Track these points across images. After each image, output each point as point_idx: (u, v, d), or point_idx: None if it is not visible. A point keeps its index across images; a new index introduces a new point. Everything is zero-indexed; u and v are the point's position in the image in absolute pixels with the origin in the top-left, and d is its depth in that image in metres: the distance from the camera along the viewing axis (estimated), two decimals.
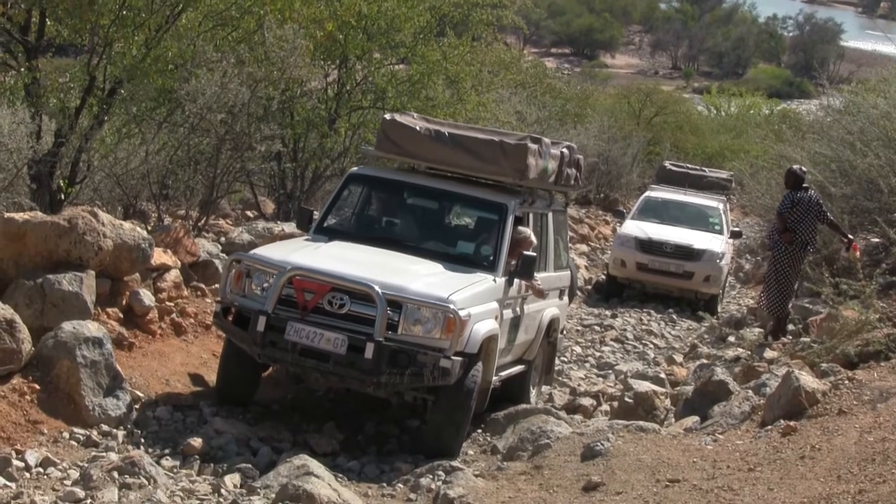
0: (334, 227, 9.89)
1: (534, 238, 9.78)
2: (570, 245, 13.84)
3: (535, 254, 9.40)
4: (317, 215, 9.87)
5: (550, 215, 10.74)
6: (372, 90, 16.79)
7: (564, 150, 10.56)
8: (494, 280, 9.04)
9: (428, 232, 10.04)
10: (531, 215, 10.08)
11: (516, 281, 9.35)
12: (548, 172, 10.15)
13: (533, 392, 10.54)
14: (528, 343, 10.16)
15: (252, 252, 9.17)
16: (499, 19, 19.74)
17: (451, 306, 8.09)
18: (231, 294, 8.59)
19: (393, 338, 8.07)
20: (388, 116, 10.25)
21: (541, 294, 10.16)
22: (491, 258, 9.33)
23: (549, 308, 10.60)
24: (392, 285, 8.17)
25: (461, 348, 8.15)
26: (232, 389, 8.98)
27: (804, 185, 12.26)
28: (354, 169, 10.62)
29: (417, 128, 9.90)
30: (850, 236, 12.35)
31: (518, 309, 9.63)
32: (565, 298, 11.50)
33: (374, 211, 10.43)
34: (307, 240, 9.54)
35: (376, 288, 8.02)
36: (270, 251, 8.97)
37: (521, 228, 9.68)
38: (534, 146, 9.68)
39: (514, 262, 9.22)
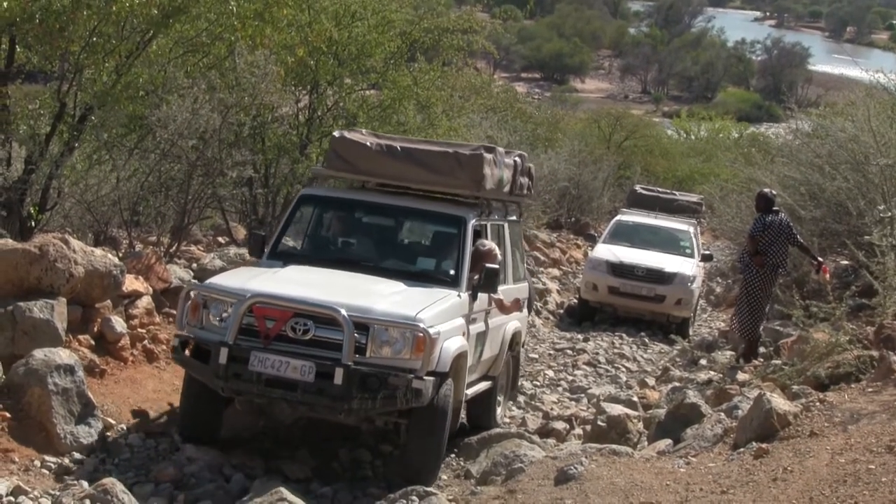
0: (288, 251, 9.72)
1: (498, 251, 9.65)
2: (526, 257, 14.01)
3: (497, 266, 9.22)
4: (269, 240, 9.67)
5: (506, 226, 10.55)
6: (343, 115, 16.79)
7: (517, 159, 10.46)
8: (459, 296, 8.86)
9: (386, 250, 9.87)
10: (489, 227, 9.92)
11: (480, 295, 9.18)
12: (503, 182, 10.04)
13: (499, 409, 10.41)
14: (494, 358, 10.00)
15: (208, 282, 8.76)
16: (469, 44, 19.82)
17: (420, 325, 7.87)
18: (189, 326, 8.25)
19: (362, 361, 7.80)
20: (336, 134, 10.08)
21: (504, 308, 10.06)
22: (453, 273, 9.16)
23: (512, 321, 10.45)
24: (357, 307, 7.90)
25: (433, 367, 7.93)
26: (197, 426, 8.63)
27: (775, 208, 12.36)
28: (305, 190, 10.44)
29: (368, 143, 9.73)
30: (820, 259, 12.45)
31: (483, 324, 9.44)
32: (525, 311, 11.35)
33: (329, 232, 10.18)
34: (261, 266, 9.30)
35: (342, 311, 7.75)
36: (227, 279, 8.63)
37: (483, 241, 9.56)
38: (489, 156, 9.56)
39: (476, 276, 9.06)
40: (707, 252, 20.87)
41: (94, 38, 11.63)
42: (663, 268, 18.31)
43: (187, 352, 8.20)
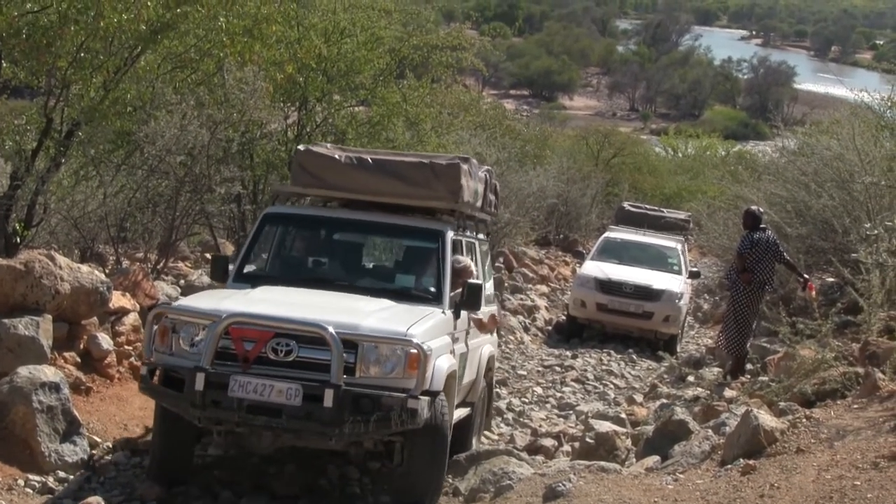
0: (255, 273, 9.09)
1: (474, 267, 9.33)
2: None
3: (480, 282, 8.82)
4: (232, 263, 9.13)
5: (477, 245, 10.06)
6: (332, 132, 16.80)
7: (486, 174, 10.13)
8: (444, 313, 8.44)
9: (360, 268, 9.54)
10: (463, 243, 9.49)
11: (462, 314, 8.77)
12: (477, 195, 9.71)
13: (474, 440, 9.74)
14: (472, 383, 9.46)
15: (176, 303, 8.20)
16: (458, 61, 19.88)
17: (414, 340, 7.34)
18: (157, 353, 7.55)
19: (351, 382, 7.22)
20: (302, 147, 9.62)
21: (483, 327, 9.71)
22: (434, 290, 8.75)
23: (486, 345, 10.01)
24: (344, 324, 7.31)
25: (427, 386, 7.43)
26: (172, 466, 7.97)
27: (762, 225, 12.39)
28: (269, 209, 9.71)
29: (337, 156, 9.25)
30: (806, 276, 12.48)
31: (464, 344, 8.93)
32: (495, 335, 10.97)
33: (298, 251, 9.70)
34: (229, 288, 8.68)
35: (329, 328, 7.15)
36: (196, 301, 7.98)
37: (458, 257, 9.16)
38: (465, 166, 9.21)
39: (458, 293, 8.65)
40: (695, 269, 20.93)
41: (82, 54, 11.61)
42: (651, 285, 18.34)
43: (156, 381, 7.52)
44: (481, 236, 10.50)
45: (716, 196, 27.19)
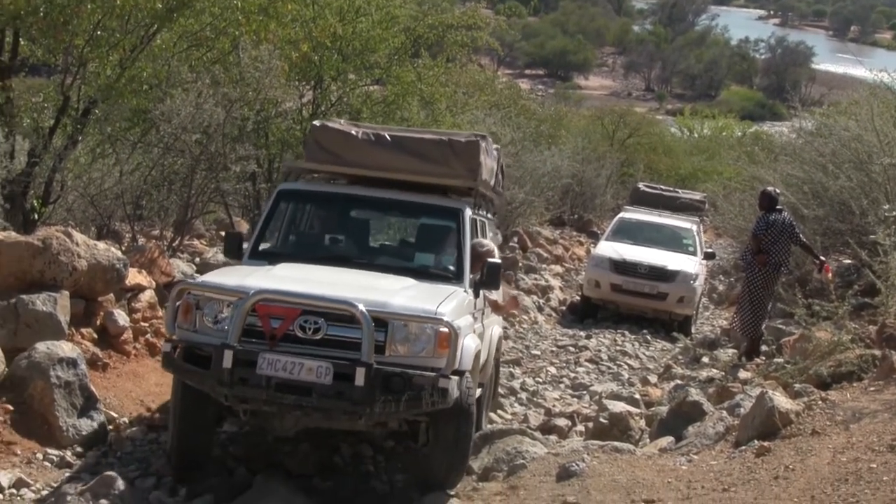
0: (271, 250, 8.89)
1: (496, 249, 9.26)
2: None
3: (500, 261, 8.76)
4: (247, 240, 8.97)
5: (487, 223, 9.97)
6: (347, 111, 16.80)
7: (497, 153, 10.00)
8: (465, 291, 8.31)
9: (378, 246, 9.41)
10: (477, 222, 9.36)
11: (481, 293, 8.71)
12: (493, 173, 9.64)
13: (484, 420, 9.58)
14: (485, 363, 9.16)
15: (200, 279, 7.93)
16: (473, 41, 19.83)
17: (445, 319, 7.16)
18: (180, 330, 7.36)
19: (381, 361, 7.04)
20: (317, 123, 9.42)
21: (500, 308, 9.71)
22: (454, 269, 8.63)
23: (495, 326, 9.94)
24: (374, 302, 7.13)
25: (457, 365, 7.25)
26: (192, 449, 7.75)
27: (778, 206, 12.35)
28: (283, 185, 9.50)
29: (354, 132, 9.08)
30: (823, 258, 12.45)
31: (481, 324, 8.83)
32: (501, 317, 10.90)
33: (314, 229, 9.51)
34: (248, 266, 8.45)
35: (360, 306, 6.96)
36: (220, 278, 7.75)
37: (481, 241, 9.10)
38: (483, 144, 9.10)
39: (478, 274, 8.54)
40: (710, 250, 20.87)
41: (99, 32, 11.65)
42: (666, 265, 18.29)
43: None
44: (489, 216, 10.42)
45: (731, 177, 27.11)
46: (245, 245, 8.84)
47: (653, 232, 20.17)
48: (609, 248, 19.15)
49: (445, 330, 7.13)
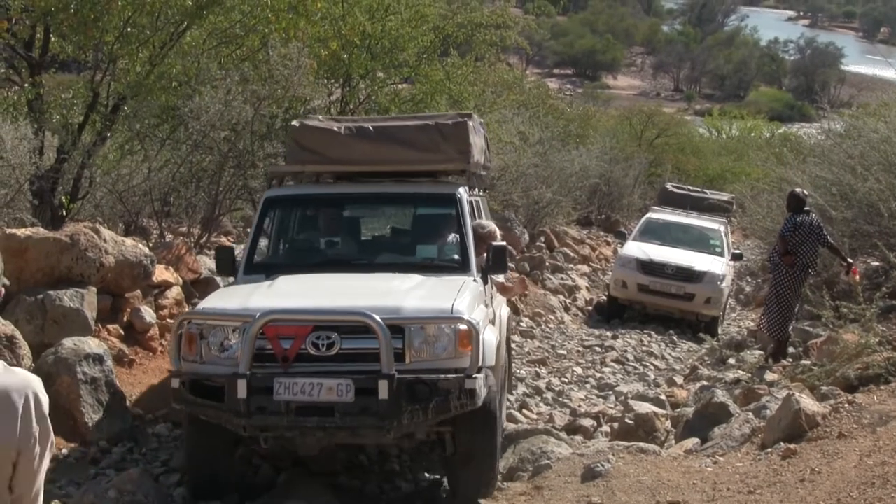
0: (266, 262, 8.55)
1: (497, 230, 8.91)
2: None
3: (504, 244, 8.41)
4: (239, 253, 8.64)
5: (482, 202, 9.56)
6: (375, 109, 16.82)
7: (482, 126, 9.66)
8: (474, 280, 7.93)
9: (376, 245, 9.10)
10: (474, 204, 8.98)
11: (489, 278, 8.39)
12: (482, 151, 9.32)
13: (503, 407, 9.12)
14: (498, 347, 8.48)
15: (200, 307, 7.45)
16: (502, 40, 19.81)
17: (463, 316, 6.83)
18: (185, 363, 6.94)
19: (403, 369, 6.68)
20: (296, 123, 9.09)
21: (507, 290, 9.46)
22: (459, 257, 8.28)
23: (502, 305, 9.57)
24: (386, 308, 6.77)
25: (480, 363, 6.90)
26: (211, 482, 7.36)
27: (805, 208, 12.28)
28: (269, 192, 9.04)
29: (335, 128, 8.73)
30: (850, 260, 12.35)
31: (491, 310, 8.40)
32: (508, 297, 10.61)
33: (307, 234, 9.13)
34: (242, 283, 8.08)
35: (374, 315, 6.59)
36: (221, 302, 7.37)
37: (482, 222, 8.78)
38: (471, 123, 8.76)
39: (484, 258, 8.23)
40: (737, 251, 20.77)
41: (129, 29, 11.71)
42: (693, 266, 18.22)
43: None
44: (482, 193, 10.11)
45: (760, 178, 26.96)
46: (237, 258, 8.47)
47: (680, 232, 20.09)
48: (636, 249, 19.08)
49: (465, 328, 6.81)
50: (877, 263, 15.45)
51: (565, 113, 35.04)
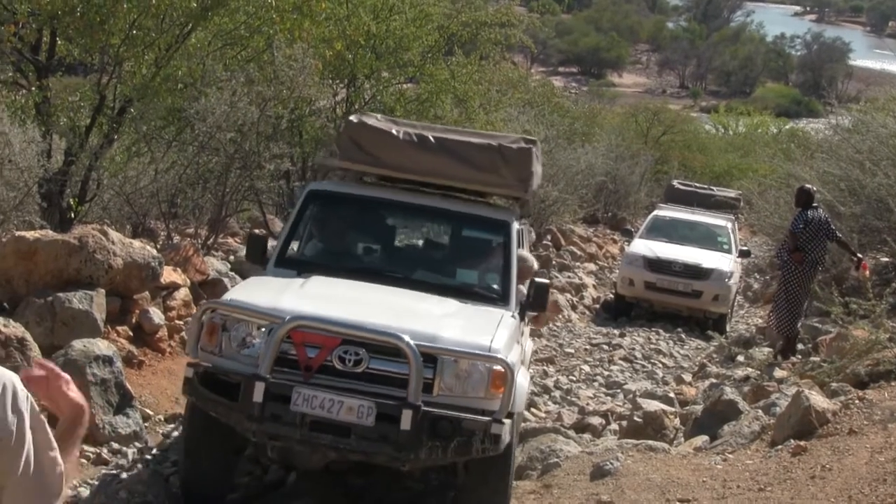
0: (298, 258, 8.05)
1: (536, 263, 8.72)
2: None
3: (548, 281, 8.00)
4: (272, 243, 8.28)
5: (524, 231, 9.10)
6: (380, 109, 16.83)
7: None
8: (512, 316, 7.46)
9: (414, 259, 8.64)
10: (522, 233, 8.63)
11: (525, 315, 7.97)
12: (539, 179, 8.82)
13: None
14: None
15: (228, 298, 6.98)
16: (507, 38, 19.83)
17: (500, 356, 6.37)
18: (203, 353, 6.59)
19: (429, 401, 6.27)
20: (354, 119, 8.57)
21: (541, 322, 9.12)
22: (500, 289, 7.83)
23: (529, 340, 9.32)
24: (422, 334, 6.35)
25: (511, 408, 6.48)
26: (204, 485, 7.00)
27: (814, 203, 12.26)
28: (313, 185, 8.67)
29: (394, 132, 8.26)
30: (860, 255, 12.34)
31: (522, 347, 8.00)
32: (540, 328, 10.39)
33: (345, 235, 8.66)
34: (272, 276, 7.68)
35: (407, 339, 6.19)
36: (250, 295, 6.93)
37: (523, 254, 8.37)
38: (534, 150, 8.37)
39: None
40: (745, 248, 20.72)
41: (134, 31, 11.73)
42: (700, 263, 18.19)
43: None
44: (525, 222, 9.64)
45: (767, 174, 26.94)
46: (270, 248, 8.13)
47: (687, 230, 20.07)
48: (643, 246, 19.06)
49: (501, 369, 6.35)
50: (886, 259, 15.43)
51: (571, 111, 35.02)
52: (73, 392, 2.93)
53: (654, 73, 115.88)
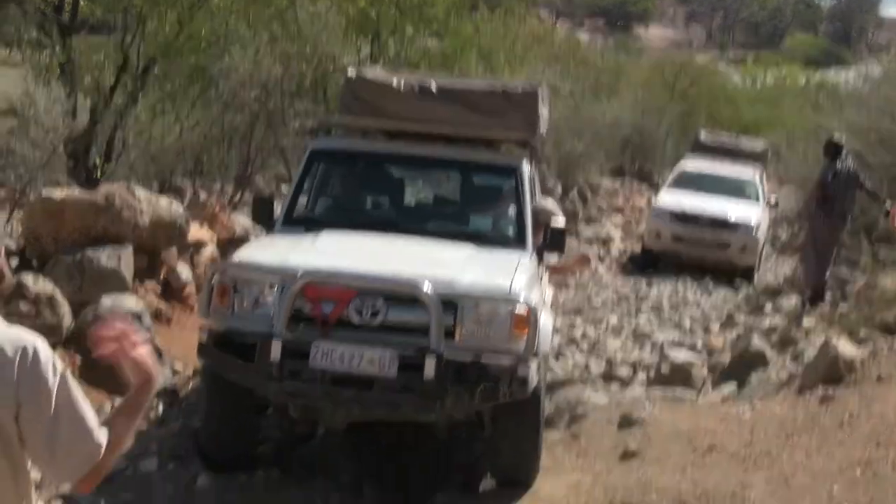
0: (306, 216, 7.87)
1: (557, 212, 8.55)
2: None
3: (563, 225, 7.87)
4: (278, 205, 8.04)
5: (536, 176, 8.84)
6: (405, 65, 16.78)
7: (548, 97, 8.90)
8: (530, 259, 7.35)
9: (425, 210, 8.56)
10: (535, 179, 8.51)
11: (543, 257, 7.79)
12: (546, 123, 8.67)
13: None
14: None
15: (237, 258, 6.78)
16: None
17: (521, 297, 6.24)
18: (215, 315, 6.37)
19: (452, 347, 6.12)
20: (351, 72, 8.36)
21: (563, 271, 9.14)
22: (516, 233, 7.71)
23: (549, 287, 9.08)
24: (440, 280, 6.19)
25: (536, 349, 6.31)
26: (227, 450, 6.84)
27: (843, 154, 12.14)
28: (316, 143, 8.49)
29: (395, 83, 8.05)
30: (889, 205, 12.24)
31: (544, 291, 7.79)
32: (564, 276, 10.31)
33: (352, 191, 8.49)
34: (281, 235, 7.50)
35: (426, 288, 6.07)
36: (260, 254, 6.86)
37: (541, 203, 8.30)
38: (541, 92, 8.21)
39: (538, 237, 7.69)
40: (772, 199, 20.57)
41: None
42: (727, 215, 18.07)
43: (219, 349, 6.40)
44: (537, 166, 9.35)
45: (795, 125, 26.72)
46: (276, 210, 7.91)
47: (714, 181, 19.89)
48: (670, 199, 18.95)
49: (522, 311, 6.20)
50: None
51: (596, 65, 34.76)
52: (144, 357, 2.69)
53: (681, 25, 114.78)
